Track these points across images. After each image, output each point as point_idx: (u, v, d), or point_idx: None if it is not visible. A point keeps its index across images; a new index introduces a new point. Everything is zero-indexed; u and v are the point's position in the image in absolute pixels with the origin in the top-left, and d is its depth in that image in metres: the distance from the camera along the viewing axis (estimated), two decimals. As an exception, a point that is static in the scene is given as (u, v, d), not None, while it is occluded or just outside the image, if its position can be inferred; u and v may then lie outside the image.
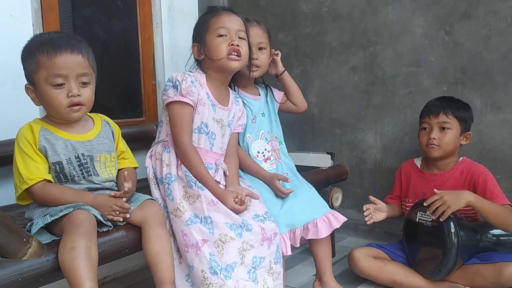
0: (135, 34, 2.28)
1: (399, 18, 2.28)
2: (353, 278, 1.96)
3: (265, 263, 1.48)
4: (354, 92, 2.47)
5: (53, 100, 1.31)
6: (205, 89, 1.60)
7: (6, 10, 1.71)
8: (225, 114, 1.65)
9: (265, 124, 1.91)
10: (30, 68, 1.32)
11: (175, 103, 1.54)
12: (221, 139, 1.64)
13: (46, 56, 1.29)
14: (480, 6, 2.06)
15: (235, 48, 1.57)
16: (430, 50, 2.21)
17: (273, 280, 1.50)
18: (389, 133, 2.38)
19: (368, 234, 2.49)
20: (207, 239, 1.41)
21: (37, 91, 1.33)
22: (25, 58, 1.33)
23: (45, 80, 1.30)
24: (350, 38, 2.45)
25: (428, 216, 1.76)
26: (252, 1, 2.76)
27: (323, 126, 2.60)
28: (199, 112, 1.57)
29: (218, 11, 1.64)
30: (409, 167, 2.06)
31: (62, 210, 1.24)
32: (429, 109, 1.93)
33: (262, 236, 1.48)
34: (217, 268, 1.38)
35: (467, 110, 1.92)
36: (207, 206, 1.46)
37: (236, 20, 1.62)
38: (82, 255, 1.14)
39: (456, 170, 1.91)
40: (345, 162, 2.47)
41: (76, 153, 1.37)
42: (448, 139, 1.87)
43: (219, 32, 1.58)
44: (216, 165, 1.61)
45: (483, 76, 2.08)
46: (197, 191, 1.48)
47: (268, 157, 1.85)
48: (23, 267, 1.13)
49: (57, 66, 1.29)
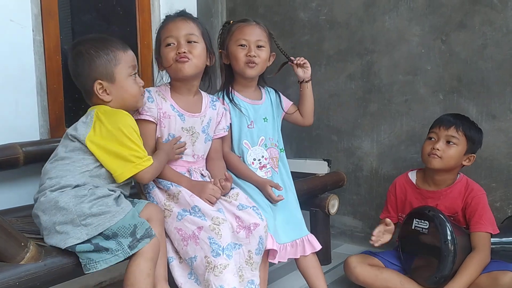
0: (134, 40, 2.29)
1: (396, 27, 2.31)
2: (349, 284, 1.96)
3: (241, 250, 1.50)
4: (351, 99, 2.48)
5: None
6: (169, 101, 1.61)
7: (6, 15, 1.72)
8: (197, 121, 1.65)
9: (267, 129, 1.86)
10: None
11: (137, 120, 1.55)
12: (192, 146, 1.64)
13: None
14: (476, 16, 2.09)
15: (182, 55, 1.56)
16: (427, 59, 2.23)
17: (251, 270, 1.52)
18: (385, 141, 2.40)
19: (364, 241, 2.49)
20: (202, 225, 1.43)
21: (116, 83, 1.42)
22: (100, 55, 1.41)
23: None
24: (348, 46, 2.47)
25: (424, 223, 1.77)
26: (251, 9, 2.78)
27: (320, 133, 2.61)
28: (164, 125, 1.60)
29: (166, 21, 1.64)
30: (404, 183, 2.01)
31: (144, 237, 1.31)
32: (441, 121, 1.89)
33: (238, 225, 1.51)
34: (219, 249, 1.40)
35: (478, 133, 1.88)
36: (190, 198, 1.50)
37: (182, 25, 1.60)
38: (150, 286, 1.30)
39: (453, 189, 1.88)
40: (341, 169, 2.48)
41: None
42: (451, 154, 1.84)
43: (166, 42, 1.59)
44: (188, 171, 1.63)
45: (479, 85, 2.10)
46: (176, 188, 1.53)
47: (264, 165, 1.82)
48: (20, 271, 1.14)
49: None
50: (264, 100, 1.90)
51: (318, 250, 1.78)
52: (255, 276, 1.52)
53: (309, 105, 1.98)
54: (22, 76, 1.77)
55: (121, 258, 1.26)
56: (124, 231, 1.28)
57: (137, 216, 1.34)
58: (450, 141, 1.84)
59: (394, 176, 2.17)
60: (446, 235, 1.70)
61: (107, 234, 1.26)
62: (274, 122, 1.91)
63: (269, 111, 1.90)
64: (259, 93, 1.92)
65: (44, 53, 1.86)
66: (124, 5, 2.27)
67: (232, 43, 1.79)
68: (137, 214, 1.35)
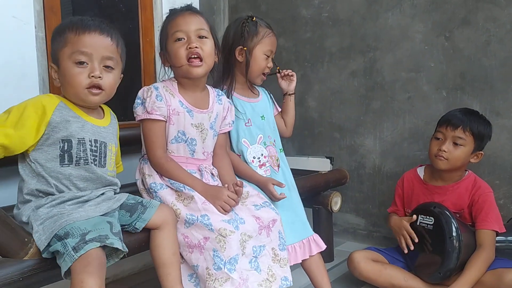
0: (136, 37, 2.29)
1: (399, 24, 2.30)
2: (352, 281, 1.96)
3: (266, 251, 1.48)
4: (354, 97, 2.48)
5: (74, 79, 1.28)
6: (177, 97, 1.56)
7: (9, 12, 1.71)
8: (205, 117, 1.61)
9: (265, 127, 1.82)
10: (57, 45, 1.30)
11: (145, 120, 1.53)
12: (202, 143, 1.60)
13: (74, 33, 1.28)
14: (480, 13, 2.08)
15: (194, 51, 1.51)
16: (430, 56, 2.23)
17: (280, 266, 1.49)
18: (388, 138, 2.39)
19: (367, 239, 2.50)
20: (208, 236, 1.40)
21: (60, 70, 1.30)
22: (54, 36, 1.32)
23: (69, 56, 1.27)
24: (350, 43, 2.47)
25: (429, 219, 1.77)
26: (253, 7, 2.77)
27: (322, 130, 2.61)
28: (174, 122, 1.54)
29: (172, 14, 1.58)
30: (412, 177, 2.02)
31: (87, 243, 1.13)
32: (449, 120, 1.86)
33: (259, 226, 1.48)
34: (221, 263, 1.37)
35: (486, 128, 1.86)
36: (202, 205, 1.45)
37: (192, 20, 1.54)
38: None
39: (461, 185, 1.88)
40: (344, 167, 2.48)
41: (93, 137, 1.33)
42: (458, 155, 1.83)
43: (176, 36, 1.53)
44: (199, 170, 1.59)
45: (482, 82, 2.10)
46: (189, 193, 1.47)
47: (264, 163, 1.78)
48: (24, 267, 1.14)
49: (83, 43, 1.28)
50: (261, 98, 1.88)
51: (323, 249, 1.78)
52: (287, 272, 1.50)
53: (290, 118, 1.96)
54: (25, 72, 1.76)
55: (68, 264, 1.11)
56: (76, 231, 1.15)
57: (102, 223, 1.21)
58: (457, 142, 1.83)
59: (397, 173, 2.17)
60: (451, 231, 1.70)
61: (60, 235, 1.16)
62: (271, 120, 1.88)
63: (266, 109, 1.87)
64: (254, 91, 1.89)
65: (46, 50, 1.85)
66: (126, 1, 2.27)
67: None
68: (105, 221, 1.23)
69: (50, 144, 1.27)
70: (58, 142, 1.27)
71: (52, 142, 1.27)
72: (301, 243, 1.73)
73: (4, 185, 1.64)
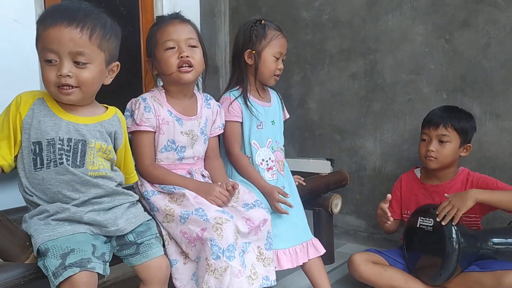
0: (137, 40, 2.30)
1: (399, 26, 2.30)
2: (353, 283, 1.96)
3: (251, 248, 1.50)
4: (354, 99, 2.48)
5: (44, 78, 1.18)
6: (165, 107, 1.58)
7: (10, 15, 1.72)
8: (195, 123, 1.62)
9: (275, 132, 1.86)
10: (36, 37, 1.19)
11: (134, 132, 1.54)
12: (192, 149, 1.62)
13: (42, 26, 1.16)
14: (480, 15, 2.08)
15: (185, 60, 1.52)
16: (430, 58, 2.23)
17: (263, 265, 1.51)
18: (388, 140, 2.39)
19: (367, 241, 2.50)
20: (205, 227, 1.40)
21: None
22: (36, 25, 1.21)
23: (40, 54, 1.17)
24: (351, 45, 2.47)
25: (429, 221, 1.77)
26: (254, 9, 2.78)
27: (323, 132, 2.61)
28: (163, 132, 1.56)
29: (162, 22, 1.58)
30: (410, 178, 2.05)
31: (66, 268, 1.08)
32: (430, 119, 1.92)
33: (249, 227, 1.49)
34: (219, 252, 1.37)
35: (468, 121, 1.91)
36: (194, 200, 1.47)
37: (183, 29, 1.55)
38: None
39: (456, 180, 1.92)
40: (344, 169, 2.48)
41: (66, 136, 1.21)
42: (446, 152, 1.88)
43: (167, 46, 1.53)
44: (190, 173, 1.61)
45: (483, 84, 2.10)
46: (180, 191, 1.50)
47: (271, 167, 1.81)
48: (25, 270, 1.14)
49: (49, 38, 1.15)
50: (273, 103, 1.91)
51: (322, 254, 1.79)
52: (270, 272, 1.52)
53: None
54: (26, 75, 1.77)
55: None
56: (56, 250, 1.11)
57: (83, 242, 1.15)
58: (442, 140, 1.88)
59: (397, 175, 2.17)
60: (451, 233, 1.70)
61: (41, 250, 1.13)
62: (280, 125, 1.91)
63: (277, 114, 1.90)
64: (268, 95, 1.91)
65: (47, 53, 1.85)
66: (127, 5, 2.27)
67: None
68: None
69: (25, 148, 1.20)
70: (30, 145, 1.19)
71: (26, 145, 1.20)
72: (301, 246, 1.75)
73: (5, 188, 1.65)
